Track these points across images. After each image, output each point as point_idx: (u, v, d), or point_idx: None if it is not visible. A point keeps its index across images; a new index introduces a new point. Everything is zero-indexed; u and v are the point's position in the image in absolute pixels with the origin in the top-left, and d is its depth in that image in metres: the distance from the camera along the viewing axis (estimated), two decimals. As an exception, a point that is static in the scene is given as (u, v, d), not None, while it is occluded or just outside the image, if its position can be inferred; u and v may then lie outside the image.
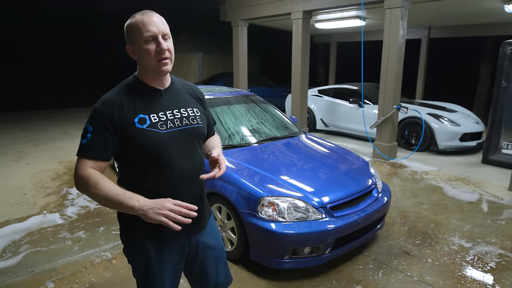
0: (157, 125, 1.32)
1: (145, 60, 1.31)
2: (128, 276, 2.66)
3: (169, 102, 1.39)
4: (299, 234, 2.44)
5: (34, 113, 10.98)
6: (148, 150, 1.30)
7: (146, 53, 1.29)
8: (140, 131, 1.29)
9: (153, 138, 1.30)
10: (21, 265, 2.79)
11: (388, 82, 5.60)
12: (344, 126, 7.61)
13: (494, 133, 5.47)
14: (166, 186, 1.35)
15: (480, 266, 2.82)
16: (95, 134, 1.28)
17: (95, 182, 1.24)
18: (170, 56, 1.33)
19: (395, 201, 4.09)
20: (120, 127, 1.28)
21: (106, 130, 1.27)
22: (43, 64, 15.89)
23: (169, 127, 1.34)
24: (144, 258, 1.40)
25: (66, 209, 3.87)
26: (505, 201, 4.14)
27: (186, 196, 1.36)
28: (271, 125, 3.86)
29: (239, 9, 8.33)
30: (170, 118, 1.36)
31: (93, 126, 1.28)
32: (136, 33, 1.29)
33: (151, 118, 1.32)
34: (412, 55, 8.69)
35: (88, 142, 1.28)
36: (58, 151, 6.35)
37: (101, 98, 1.34)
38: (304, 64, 7.12)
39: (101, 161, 1.30)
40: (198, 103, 1.51)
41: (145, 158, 1.32)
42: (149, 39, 1.28)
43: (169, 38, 1.34)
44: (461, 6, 6.77)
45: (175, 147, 1.35)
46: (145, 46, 1.29)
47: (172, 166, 1.34)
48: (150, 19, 1.30)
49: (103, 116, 1.28)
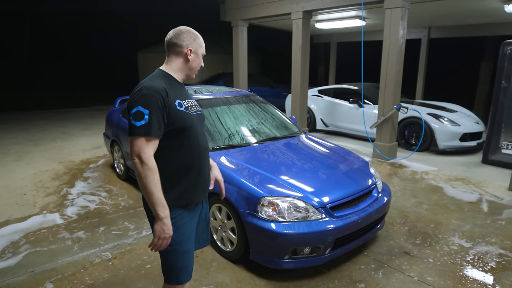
0: (189, 108, 1.69)
1: (193, 66, 1.73)
2: (128, 276, 2.66)
3: (186, 93, 1.77)
4: (299, 234, 2.44)
5: (34, 113, 10.98)
6: (186, 127, 1.63)
7: (197, 63, 1.74)
8: (181, 112, 1.62)
9: (189, 118, 1.65)
10: (21, 265, 2.79)
11: (388, 82, 5.60)
12: (344, 126, 7.61)
13: (494, 133, 5.47)
14: (194, 155, 1.69)
15: (480, 266, 2.82)
16: (153, 116, 1.52)
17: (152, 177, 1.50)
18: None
19: (395, 201, 4.09)
20: (168, 108, 1.57)
21: (160, 111, 1.54)
22: (43, 64, 15.89)
23: (193, 111, 1.72)
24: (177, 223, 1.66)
25: (66, 209, 3.86)
26: (505, 201, 4.14)
27: (205, 163, 1.77)
28: (271, 125, 3.86)
29: (239, 9, 8.33)
30: (191, 104, 1.74)
31: (149, 109, 1.51)
32: (201, 47, 1.73)
33: (184, 103, 1.67)
34: (412, 55, 8.69)
35: (147, 123, 1.51)
36: (58, 151, 6.35)
37: (146, 86, 1.56)
38: (304, 64, 7.12)
39: (157, 138, 1.56)
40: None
41: (183, 135, 1.64)
42: (202, 55, 1.76)
43: None
44: (461, 6, 6.77)
45: (199, 126, 1.73)
46: (200, 58, 1.74)
47: (199, 140, 1.71)
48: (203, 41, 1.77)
49: (158, 100, 1.53)
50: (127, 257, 2.91)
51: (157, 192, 1.51)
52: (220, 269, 2.76)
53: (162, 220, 1.52)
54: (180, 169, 1.66)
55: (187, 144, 1.66)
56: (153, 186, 1.50)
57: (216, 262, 2.84)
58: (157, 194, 1.51)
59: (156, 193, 1.50)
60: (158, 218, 1.53)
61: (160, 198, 1.51)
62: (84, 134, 7.84)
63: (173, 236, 1.61)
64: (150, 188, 1.50)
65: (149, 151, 1.52)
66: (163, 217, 1.52)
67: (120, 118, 4.75)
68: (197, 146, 1.70)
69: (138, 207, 3.93)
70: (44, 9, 15.20)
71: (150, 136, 1.52)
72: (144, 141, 1.51)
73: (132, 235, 3.29)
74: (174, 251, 1.67)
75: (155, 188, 1.50)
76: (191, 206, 1.73)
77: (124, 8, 15.37)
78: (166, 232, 1.54)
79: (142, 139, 1.51)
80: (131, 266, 2.79)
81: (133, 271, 2.72)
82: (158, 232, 1.54)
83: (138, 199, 4.13)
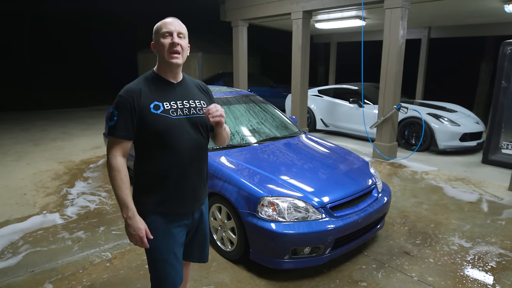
0: (169, 112, 1.56)
1: (160, 53, 1.56)
2: (128, 276, 2.66)
3: (180, 94, 1.63)
4: (299, 234, 2.44)
5: (34, 113, 10.97)
6: (160, 132, 1.53)
7: (162, 46, 1.54)
8: (155, 115, 1.53)
9: (165, 122, 1.54)
10: (21, 265, 2.79)
11: (388, 82, 5.60)
12: (344, 126, 7.61)
13: (494, 133, 5.47)
14: (172, 163, 1.58)
15: (481, 266, 2.82)
16: (120, 117, 1.52)
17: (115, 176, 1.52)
18: (182, 52, 1.57)
19: (395, 201, 4.09)
20: (138, 110, 1.52)
21: (128, 114, 1.51)
22: (43, 64, 15.88)
23: (179, 114, 1.58)
24: (154, 230, 1.61)
25: (66, 209, 3.86)
26: (505, 201, 4.14)
27: (190, 174, 1.64)
28: (271, 125, 3.86)
29: (239, 9, 8.33)
30: (180, 107, 1.59)
31: (118, 110, 1.52)
32: (158, 30, 1.56)
33: (164, 105, 1.56)
34: (412, 55, 8.69)
35: (114, 124, 1.52)
36: (58, 151, 6.35)
37: (124, 87, 1.57)
38: (304, 64, 7.12)
39: (125, 140, 1.54)
40: (204, 96, 1.74)
41: (158, 139, 1.55)
42: (166, 35, 1.54)
43: (183, 38, 1.59)
44: (461, 6, 6.77)
45: (182, 131, 1.58)
46: (162, 40, 1.55)
47: (181, 147, 1.57)
48: (171, 20, 1.57)
49: (125, 102, 1.52)
50: (127, 257, 2.91)
51: (119, 192, 1.51)
52: (220, 269, 2.76)
53: (126, 221, 1.53)
54: (156, 175, 1.59)
55: (163, 151, 1.57)
56: (116, 186, 1.52)
57: (216, 262, 2.84)
58: (119, 194, 1.52)
59: (118, 193, 1.52)
60: (123, 217, 1.54)
61: (122, 198, 1.52)
62: (84, 134, 7.84)
63: (152, 241, 1.60)
64: (113, 188, 1.53)
65: (114, 151, 1.54)
66: (126, 218, 1.52)
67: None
68: (176, 153, 1.57)
69: (138, 207, 3.93)
70: (44, 9, 15.19)
71: (115, 138, 1.53)
72: (111, 141, 1.55)
73: (132, 235, 3.29)
74: (154, 257, 1.65)
75: (118, 188, 1.52)
76: (171, 216, 1.64)
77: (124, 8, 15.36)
78: (133, 232, 1.53)
79: (110, 139, 1.56)
80: (131, 266, 2.79)
81: (133, 271, 2.72)
82: (126, 231, 1.56)
83: (138, 199, 4.13)
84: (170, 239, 1.64)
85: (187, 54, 1.62)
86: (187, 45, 1.61)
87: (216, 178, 2.82)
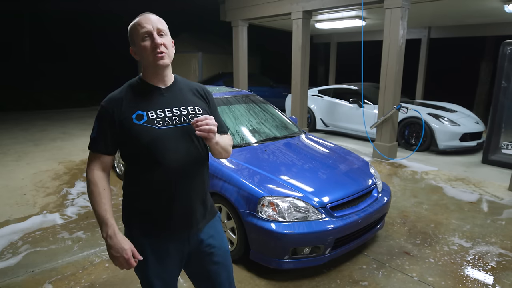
0: (154, 122, 1.36)
1: (144, 57, 1.36)
2: (128, 276, 2.66)
3: (169, 100, 1.42)
4: (299, 234, 2.44)
5: (34, 113, 10.98)
6: (144, 145, 1.34)
7: (143, 49, 1.34)
8: (137, 126, 1.34)
9: (149, 134, 1.34)
10: (21, 265, 2.79)
11: (388, 82, 5.60)
12: (344, 126, 7.61)
13: (494, 133, 5.47)
14: (162, 183, 1.38)
15: (481, 266, 2.82)
16: (98, 130, 1.38)
17: (92, 190, 1.37)
18: (167, 51, 1.37)
19: (395, 201, 4.09)
20: (118, 122, 1.35)
21: (107, 126, 1.36)
22: (43, 64, 15.88)
23: (166, 124, 1.37)
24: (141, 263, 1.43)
25: (66, 209, 3.86)
26: (505, 201, 4.14)
27: (181, 194, 1.41)
28: (271, 125, 3.86)
29: (239, 9, 8.33)
30: (168, 115, 1.39)
31: (97, 122, 1.38)
32: (135, 33, 1.36)
33: (149, 114, 1.36)
34: (412, 55, 8.68)
35: (94, 137, 1.39)
36: (58, 151, 6.35)
37: (107, 96, 1.42)
38: (304, 64, 7.12)
39: (104, 154, 1.40)
40: (202, 102, 1.52)
41: (142, 154, 1.36)
42: (145, 36, 1.34)
43: (165, 35, 1.38)
44: (461, 6, 6.77)
45: (171, 144, 1.37)
46: (142, 43, 1.34)
47: (167, 162, 1.36)
48: (146, 18, 1.36)
49: (104, 113, 1.37)
50: (127, 257, 2.91)
51: (97, 207, 1.35)
52: (220, 269, 2.76)
53: (106, 241, 1.33)
54: (141, 194, 1.41)
55: (148, 167, 1.37)
56: (93, 201, 1.36)
57: (216, 262, 2.84)
58: (97, 210, 1.35)
59: (95, 209, 1.35)
60: (103, 237, 1.34)
61: (100, 214, 1.34)
62: (84, 134, 7.83)
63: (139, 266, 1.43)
64: (91, 204, 1.37)
65: (92, 165, 1.40)
66: (105, 238, 1.32)
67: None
68: (162, 170, 1.36)
69: (138, 207, 3.93)
70: (44, 9, 15.19)
71: (92, 151, 1.40)
72: (90, 155, 1.42)
73: (132, 235, 3.29)
74: (141, 278, 1.51)
75: (95, 204, 1.36)
76: (155, 239, 1.44)
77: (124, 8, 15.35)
78: (115, 254, 1.33)
79: (89, 152, 1.42)
80: (131, 266, 2.79)
81: (133, 271, 2.70)
82: (109, 254, 1.35)
83: (138, 199, 4.13)
84: (159, 267, 1.45)
85: (173, 51, 1.42)
86: (170, 41, 1.41)
87: (216, 178, 2.82)
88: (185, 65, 12.70)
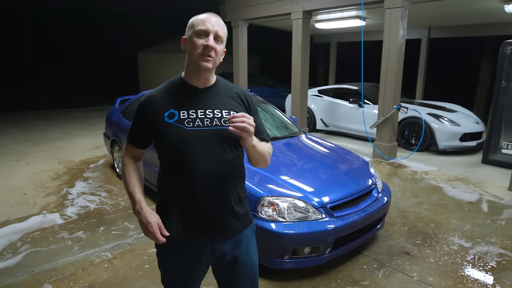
0: (184, 122, 1.34)
1: (190, 52, 1.35)
2: (128, 276, 2.66)
3: (204, 101, 1.39)
4: (299, 234, 2.44)
5: (34, 113, 10.98)
6: (171, 144, 1.34)
7: (194, 45, 1.33)
8: (167, 124, 1.34)
9: (177, 133, 1.33)
10: (21, 265, 2.79)
11: (388, 82, 5.60)
12: (344, 126, 7.61)
13: (494, 133, 5.47)
14: (185, 185, 1.37)
15: (481, 266, 2.82)
16: (133, 124, 1.45)
17: (124, 171, 1.47)
18: (214, 57, 1.34)
19: (395, 201, 4.09)
20: (151, 119, 1.37)
21: (141, 122, 1.41)
22: (43, 64, 15.89)
23: (196, 125, 1.34)
24: (163, 258, 1.50)
25: (66, 209, 3.86)
26: (505, 201, 4.14)
27: (206, 199, 1.37)
28: (271, 125, 3.86)
29: (239, 9, 8.33)
30: (200, 117, 1.36)
31: (134, 116, 1.44)
32: (194, 26, 1.35)
33: (180, 114, 1.35)
34: (412, 55, 8.69)
35: (130, 129, 1.47)
36: (58, 151, 6.35)
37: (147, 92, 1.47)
38: (304, 64, 7.12)
39: (136, 147, 1.47)
40: (240, 106, 1.45)
41: (169, 153, 1.39)
42: (201, 33, 1.33)
43: (220, 42, 1.37)
44: (461, 6, 6.77)
45: (198, 146, 1.33)
46: (195, 38, 1.33)
47: (193, 164, 1.33)
48: (210, 18, 1.35)
49: (140, 109, 1.41)
50: (127, 257, 2.91)
51: (127, 185, 1.44)
52: (220, 269, 2.76)
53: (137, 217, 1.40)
54: (166, 194, 1.44)
55: (175, 167, 1.37)
56: (125, 182, 1.45)
57: (216, 262, 2.84)
58: (127, 188, 1.44)
59: (126, 187, 1.44)
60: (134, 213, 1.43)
61: (129, 191, 1.42)
62: (84, 134, 7.84)
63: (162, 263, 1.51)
64: (124, 185, 1.46)
65: (125, 151, 1.49)
66: (135, 213, 1.40)
67: (120, 118, 4.74)
68: (189, 172, 1.34)
69: (138, 207, 3.93)
70: (44, 9, 15.20)
71: (127, 141, 1.49)
72: (126, 143, 1.51)
73: (132, 235, 3.29)
74: (161, 274, 1.56)
75: (126, 182, 1.45)
76: (175, 242, 1.43)
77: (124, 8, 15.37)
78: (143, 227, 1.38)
79: (126, 144, 1.51)
80: (131, 266, 2.79)
81: (133, 271, 2.72)
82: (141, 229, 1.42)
83: (138, 199, 4.13)
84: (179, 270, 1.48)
85: (220, 60, 1.38)
86: (222, 50, 1.38)
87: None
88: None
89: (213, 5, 9.25)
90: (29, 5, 15.16)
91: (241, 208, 1.49)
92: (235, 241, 1.48)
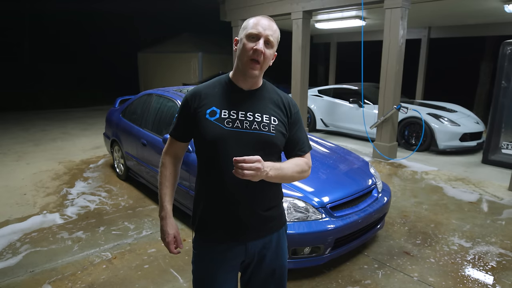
0: (224, 121, 1.34)
1: (240, 54, 1.34)
2: (128, 276, 2.66)
3: (247, 103, 1.38)
4: (299, 234, 2.44)
5: (34, 113, 10.98)
6: (208, 141, 1.35)
7: (244, 47, 1.32)
8: (207, 121, 1.35)
9: (215, 131, 1.33)
10: (21, 265, 2.79)
11: (388, 82, 5.60)
12: (344, 126, 7.61)
13: (494, 133, 5.47)
14: (218, 184, 1.37)
15: (481, 266, 2.82)
16: (177, 117, 1.47)
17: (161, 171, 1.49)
18: (262, 62, 1.33)
19: (395, 201, 4.09)
20: (193, 114, 1.38)
21: (184, 116, 1.43)
22: (43, 64, 15.89)
23: (235, 126, 1.34)
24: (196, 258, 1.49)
25: (66, 209, 3.86)
26: (505, 201, 4.14)
27: (236, 200, 1.37)
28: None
29: (239, 9, 8.33)
30: (240, 118, 1.35)
31: (179, 110, 1.46)
32: (246, 28, 1.35)
33: (222, 112, 1.36)
34: (412, 55, 8.68)
35: (173, 122, 1.48)
36: (58, 151, 6.35)
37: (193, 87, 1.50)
38: (304, 64, 7.12)
39: (178, 141, 1.48)
40: (281, 113, 1.43)
41: (206, 151, 1.40)
42: (252, 36, 1.32)
43: (271, 47, 1.35)
44: (461, 6, 6.77)
45: (233, 147, 1.32)
46: (246, 41, 1.32)
47: (225, 164, 1.32)
48: (263, 21, 1.34)
49: (185, 103, 1.43)
50: (127, 257, 2.91)
51: (159, 189, 1.48)
52: (220, 269, 2.75)
53: (161, 221, 1.48)
54: (201, 193, 1.45)
55: (210, 165, 1.39)
56: (159, 181, 1.49)
57: (216, 262, 2.84)
58: (159, 192, 1.48)
59: (159, 189, 1.48)
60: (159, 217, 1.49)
61: (160, 196, 1.47)
62: (84, 134, 7.84)
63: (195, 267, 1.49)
64: (158, 182, 1.49)
65: (166, 148, 1.50)
66: (160, 218, 1.47)
67: (120, 118, 4.74)
68: (222, 172, 1.34)
69: (138, 207, 3.93)
70: (44, 9, 15.20)
71: (169, 135, 1.50)
72: (168, 138, 1.51)
73: (132, 235, 3.29)
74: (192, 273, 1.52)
75: (159, 185, 1.48)
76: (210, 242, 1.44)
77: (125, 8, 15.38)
78: (161, 235, 1.47)
79: (169, 137, 1.51)
80: (131, 266, 2.79)
81: (133, 271, 2.72)
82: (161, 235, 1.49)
83: (138, 199, 4.13)
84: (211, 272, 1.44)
85: (268, 64, 1.37)
86: (272, 55, 1.37)
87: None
88: (185, 65, 12.70)
89: (213, 5, 9.25)
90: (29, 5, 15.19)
91: (277, 211, 1.49)
92: (265, 241, 1.47)
